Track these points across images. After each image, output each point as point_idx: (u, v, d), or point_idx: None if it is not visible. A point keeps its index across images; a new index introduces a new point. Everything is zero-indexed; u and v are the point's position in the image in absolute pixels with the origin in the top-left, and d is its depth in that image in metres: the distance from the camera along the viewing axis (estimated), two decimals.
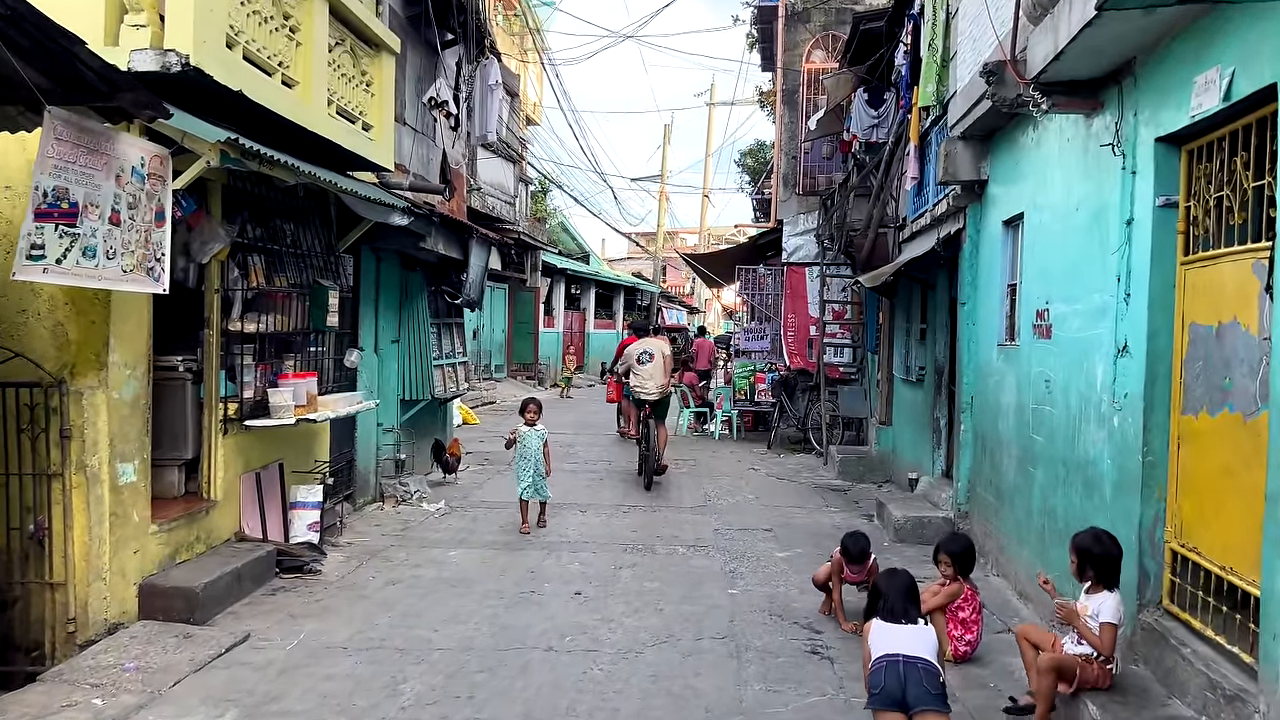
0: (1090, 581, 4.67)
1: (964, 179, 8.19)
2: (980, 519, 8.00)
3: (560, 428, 17.04)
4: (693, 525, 9.25)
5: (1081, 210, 5.80)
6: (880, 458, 12.18)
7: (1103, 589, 4.60)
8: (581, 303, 32.81)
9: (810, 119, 14.99)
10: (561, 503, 10.20)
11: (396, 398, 10.79)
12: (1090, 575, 4.65)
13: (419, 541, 8.41)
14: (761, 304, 16.61)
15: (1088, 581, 4.69)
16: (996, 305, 7.77)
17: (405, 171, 10.58)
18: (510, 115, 23.08)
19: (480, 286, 11.68)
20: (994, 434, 7.67)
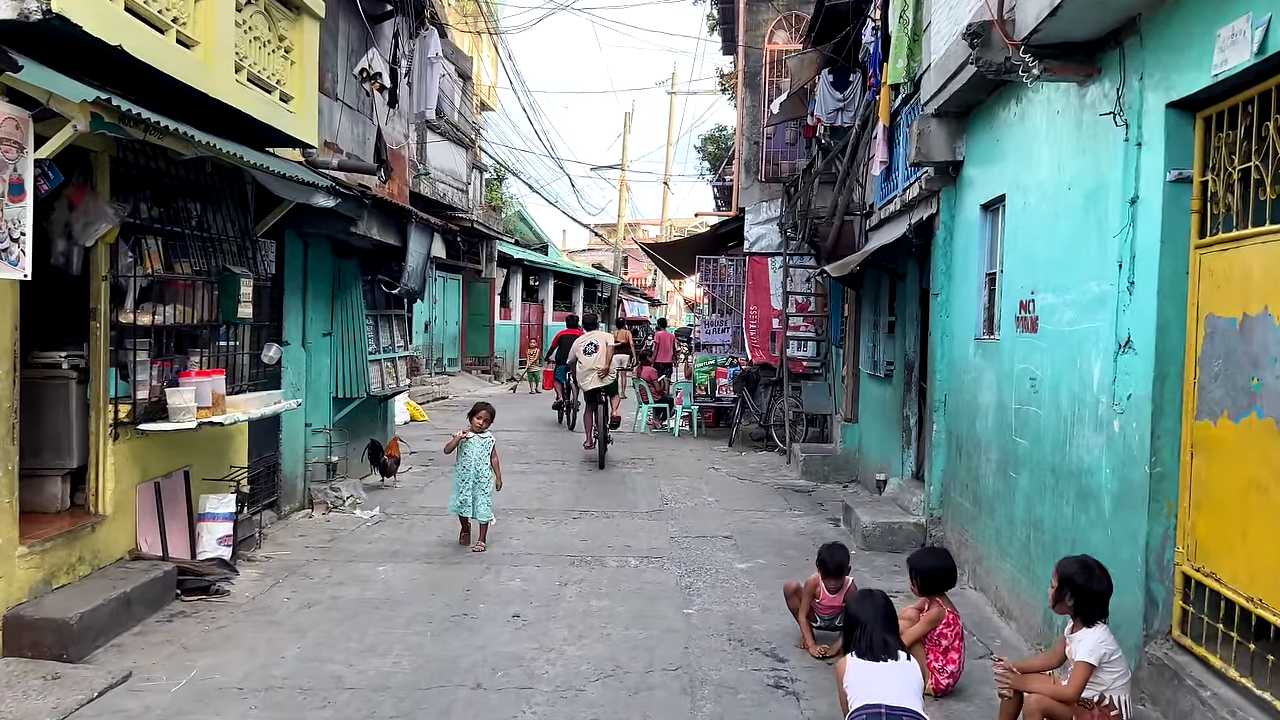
0: (1070, 616, 4.09)
1: (938, 160, 7.59)
2: (955, 526, 7.43)
3: (514, 425, 16.33)
4: (647, 533, 8.59)
5: (1074, 189, 5.21)
6: (846, 457, 11.61)
7: (1082, 625, 4.02)
8: (540, 294, 32.02)
9: (773, 102, 14.36)
10: (508, 508, 9.48)
11: (329, 395, 10.00)
12: (1068, 606, 4.05)
13: (346, 555, 7.65)
14: (723, 295, 15.98)
15: (1065, 613, 4.11)
16: (973, 296, 7.19)
17: (338, 150, 9.78)
18: (463, 100, 22.26)
19: (421, 276, 10.90)
20: (970, 435, 7.10)
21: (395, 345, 11.23)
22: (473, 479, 7.80)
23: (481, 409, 8.07)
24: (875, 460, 10.45)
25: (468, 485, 7.81)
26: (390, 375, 10.99)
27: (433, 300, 23.01)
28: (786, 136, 15.30)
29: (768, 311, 15.25)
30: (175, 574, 6.34)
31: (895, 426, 9.52)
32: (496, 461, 8.03)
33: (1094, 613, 3.95)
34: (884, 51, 9.69)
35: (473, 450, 7.85)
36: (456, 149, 21.42)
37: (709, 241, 17.57)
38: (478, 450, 7.87)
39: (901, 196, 8.96)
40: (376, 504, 9.50)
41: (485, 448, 7.93)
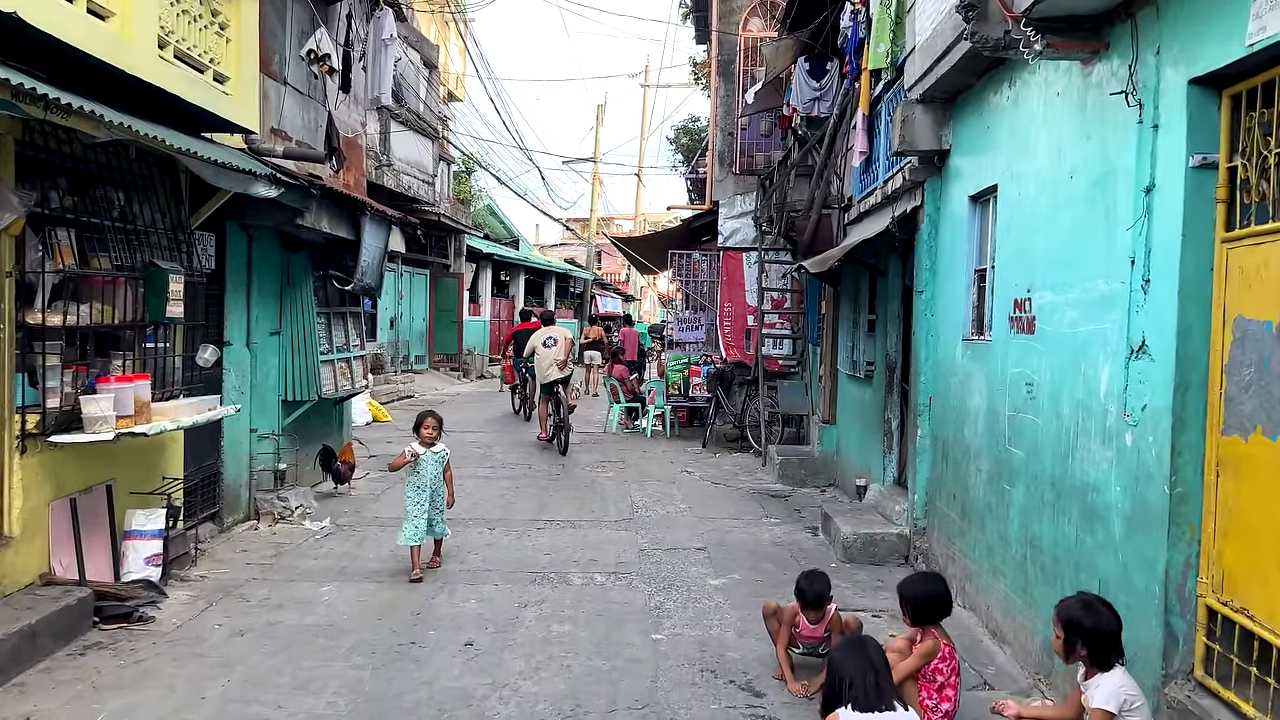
0: (1084, 664, 3.63)
1: (923, 149, 7.14)
2: (942, 538, 6.99)
3: (481, 425, 15.77)
4: (615, 545, 8.08)
5: (1078, 178, 4.75)
6: (824, 460, 11.17)
7: (1097, 671, 3.56)
8: (510, 290, 31.40)
9: (748, 92, 13.88)
10: (468, 518, 8.95)
11: (277, 398, 9.40)
12: (1083, 655, 3.59)
13: (289, 572, 7.09)
14: (696, 292, 15.50)
15: (1079, 662, 3.65)
16: (961, 294, 6.74)
17: (286, 138, 9.18)
18: (429, 89, 21.62)
19: (378, 271, 10.32)
20: (958, 442, 6.65)
21: (350, 344, 10.64)
22: (428, 499, 6.98)
23: (428, 418, 7.15)
24: (854, 464, 10.01)
25: (423, 509, 6.95)
26: (345, 376, 10.41)
27: (398, 296, 22.36)
28: (761, 127, 14.82)
29: (743, 308, 14.78)
30: (92, 600, 5.75)
31: (876, 430, 9.08)
32: (450, 477, 7.27)
33: (1110, 655, 3.49)
34: (864, 36, 9.24)
35: (427, 467, 7.03)
36: (422, 140, 20.80)
37: (682, 236, 17.08)
38: (433, 467, 7.06)
39: (882, 189, 8.51)
40: (327, 514, 8.93)
41: (440, 462, 7.14)
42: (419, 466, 7.03)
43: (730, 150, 14.86)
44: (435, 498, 7.05)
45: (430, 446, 7.07)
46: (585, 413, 18.17)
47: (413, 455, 7.01)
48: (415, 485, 7.00)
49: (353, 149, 11.40)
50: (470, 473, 11.37)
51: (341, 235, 9.49)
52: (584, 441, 14.35)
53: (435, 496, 7.06)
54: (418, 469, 7.03)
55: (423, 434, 7.08)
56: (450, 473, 7.25)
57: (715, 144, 15.16)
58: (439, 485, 7.10)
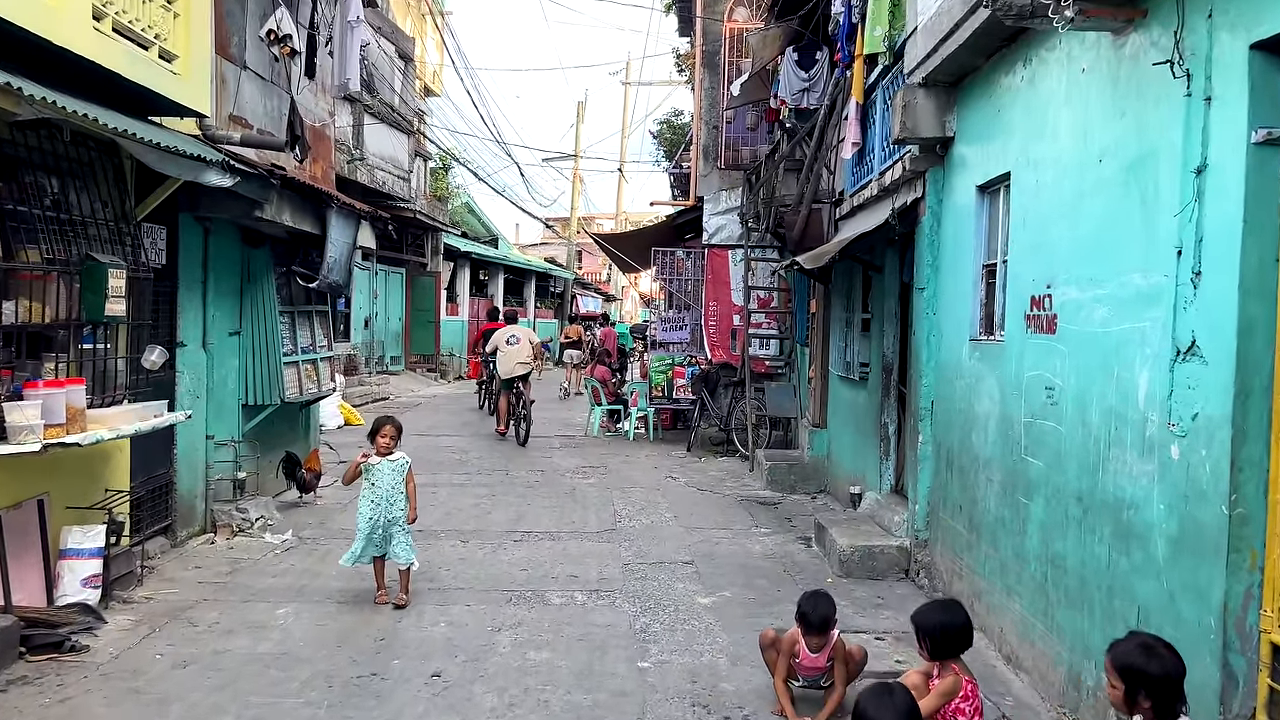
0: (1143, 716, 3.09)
1: (925, 136, 6.68)
2: (946, 552, 6.53)
3: (458, 429, 15.23)
4: (597, 558, 7.58)
5: (1110, 160, 4.30)
6: (814, 465, 10.72)
7: None
8: (489, 289, 30.81)
9: (733, 84, 13.41)
10: (440, 530, 8.43)
11: (237, 403, 8.85)
12: (1145, 707, 3.06)
13: (243, 592, 6.55)
14: (680, 290, 15.02)
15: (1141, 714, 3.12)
16: (967, 291, 6.29)
17: (246, 125, 8.62)
18: (404, 83, 21.03)
19: (346, 268, 9.78)
20: (965, 449, 6.20)
21: (316, 345, 10.09)
22: (384, 516, 6.22)
23: (385, 424, 6.38)
24: (848, 470, 9.56)
25: (378, 525, 6.19)
26: (310, 379, 9.85)
27: (373, 295, 21.76)
28: (747, 121, 14.37)
29: (728, 307, 14.32)
30: (18, 628, 5.20)
31: (871, 435, 8.63)
32: (413, 490, 6.44)
33: (1176, 705, 3.01)
34: (857, 21, 8.79)
35: (383, 479, 6.26)
36: (397, 134, 20.21)
37: (665, 232, 16.60)
38: (389, 478, 6.28)
39: (879, 180, 8.06)
40: (290, 526, 8.39)
41: (398, 472, 6.34)
42: (373, 477, 6.27)
43: (715, 144, 14.39)
44: (393, 511, 6.26)
45: (387, 455, 6.32)
46: (565, 415, 17.68)
47: (363, 458, 6.29)
48: (368, 499, 6.24)
49: (320, 139, 10.83)
50: (444, 480, 10.85)
51: (306, 229, 8.95)
52: (564, 446, 13.85)
53: (393, 510, 6.26)
54: (372, 480, 6.26)
55: (377, 443, 6.30)
56: (413, 484, 6.44)
57: (699, 138, 14.69)
58: (396, 499, 6.29)
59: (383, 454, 6.31)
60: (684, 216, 15.80)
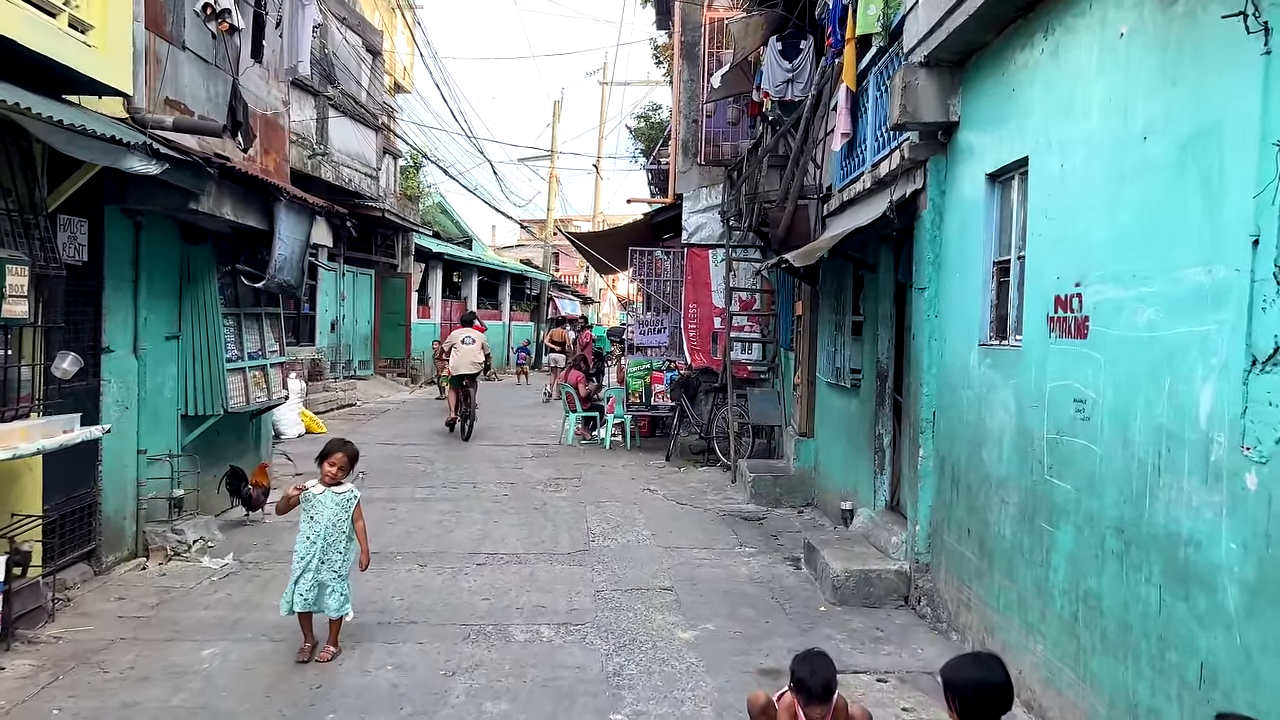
0: None
1: (927, 120, 6.08)
2: (951, 579, 5.92)
3: (426, 437, 14.51)
4: (567, 585, 6.91)
5: (1158, 137, 3.70)
6: (801, 477, 10.10)
7: None
8: (463, 291, 30.02)
9: (714, 75, 12.81)
10: (396, 551, 7.74)
11: (176, 413, 8.12)
12: None
13: (168, 628, 5.83)
14: (659, 292, 14.37)
15: None
16: (976, 290, 5.69)
17: (185, 112, 7.90)
18: (372, 78, 20.28)
19: (299, 267, 9.04)
20: (974, 466, 5.59)
21: (266, 350, 9.35)
22: (319, 556, 5.26)
23: (336, 450, 5.40)
24: (838, 484, 8.94)
25: (311, 565, 5.25)
26: (259, 386, 9.12)
27: (340, 297, 20.97)
28: (728, 115, 13.76)
29: (709, 310, 13.69)
30: None
31: (864, 446, 8.02)
32: (362, 527, 5.47)
33: None
34: (848, 2, 8.19)
35: (324, 513, 5.30)
36: (364, 130, 19.45)
37: (644, 231, 15.95)
38: (331, 512, 5.31)
39: (872, 172, 7.46)
40: (232, 548, 7.67)
41: (343, 508, 5.37)
42: (312, 509, 5.33)
43: (695, 139, 13.77)
44: (331, 555, 5.30)
45: (334, 486, 5.39)
46: (539, 422, 17.00)
47: (298, 490, 5.40)
48: (305, 535, 5.30)
49: (272, 129, 10.11)
50: (406, 494, 10.15)
51: (252, 225, 8.23)
52: (537, 455, 13.16)
53: (331, 553, 5.30)
54: (311, 513, 5.33)
55: (324, 470, 5.38)
56: (361, 523, 5.47)
57: (678, 132, 14.06)
58: (338, 539, 5.33)
59: (328, 484, 5.39)
60: (662, 215, 15.16)
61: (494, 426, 16.34)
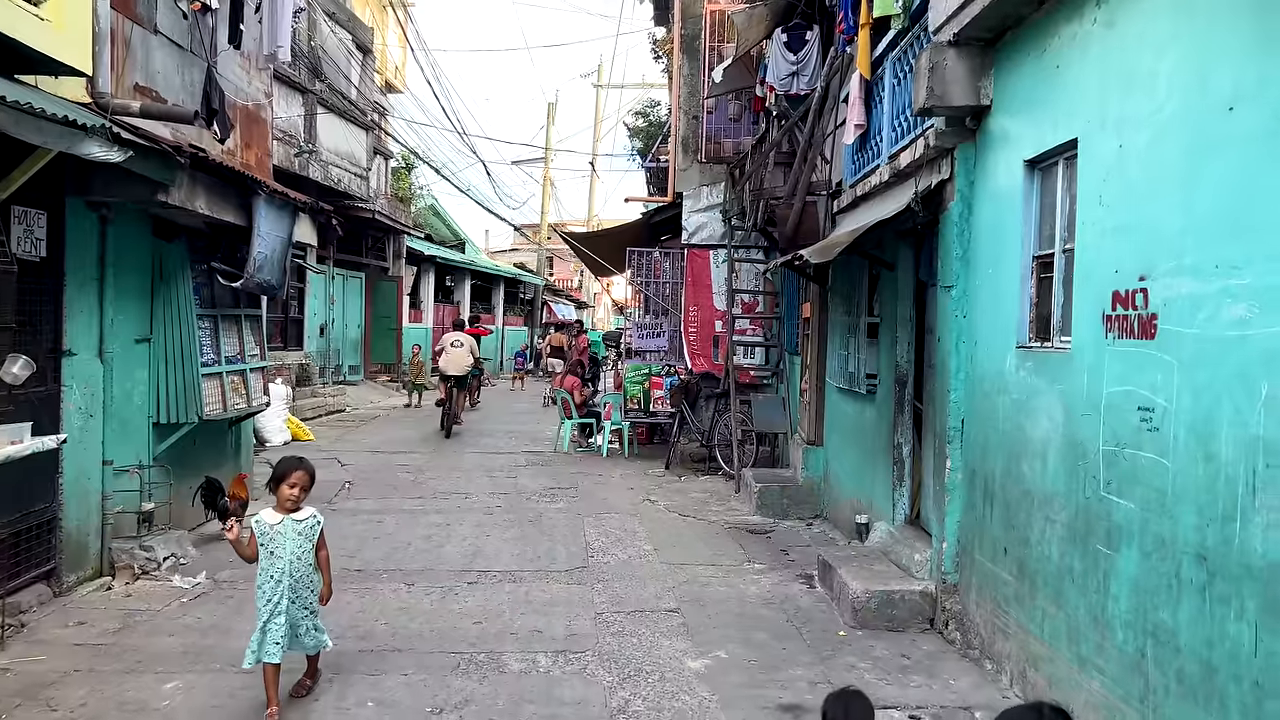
0: None
1: (956, 104, 5.62)
2: (985, 603, 5.44)
3: (412, 445, 13.99)
4: (565, 606, 6.41)
5: (1248, 107, 3.23)
6: (809, 487, 9.61)
7: None
8: (455, 295, 29.50)
9: (715, 70, 12.34)
10: (381, 569, 7.24)
11: (147, 421, 7.61)
12: None
13: (129, 658, 5.32)
14: (658, 294, 13.89)
15: None
16: (1012, 288, 5.22)
17: (158, 99, 7.41)
18: (362, 75, 19.80)
19: (279, 265, 8.53)
20: (1011, 479, 5.12)
21: (246, 354, 8.84)
22: (287, 594, 4.54)
23: (293, 470, 4.64)
24: (850, 495, 8.46)
25: (280, 608, 4.52)
26: (238, 392, 8.60)
27: (329, 301, 20.45)
28: (730, 111, 13.30)
29: (710, 313, 13.21)
30: None
31: (880, 456, 7.54)
32: (326, 557, 4.79)
33: None
34: None
35: (285, 545, 4.57)
36: (354, 129, 18.96)
37: (642, 232, 15.47)
38: (294, 544, 4.60)
39: (891, 163, 6.99)
40: (205, 566, 7.16)
41: (307, 537, 4.65)
42: (271, 543, 4.57)
43: (695, 136, 13.30)
44: (300, 591, 4.62)
45: (293, 513, 4.64)
46: (534, 429, 16.50)
47: (229, 530, 4.50)
48: (268, 574, 4.55)
49: (254, 122, 9.62)
50: (394, 506, 9.64)
51: (228, 220, 7.72)
52: (531, 464, 12.66)
53: (300, 589, 4.62)
54: (271, 547, 4.56)
55: (282, 494, 4.60)
56: (325, 552, 4.78)
57: (678, 129, 13.59)
58: (305, 572, 4.64)
59: (286, 511, 4.61)
60: (661, 214, 14.69)
61: (487, 433, 15.85)
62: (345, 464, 12.14)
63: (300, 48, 15.81)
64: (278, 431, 13.90)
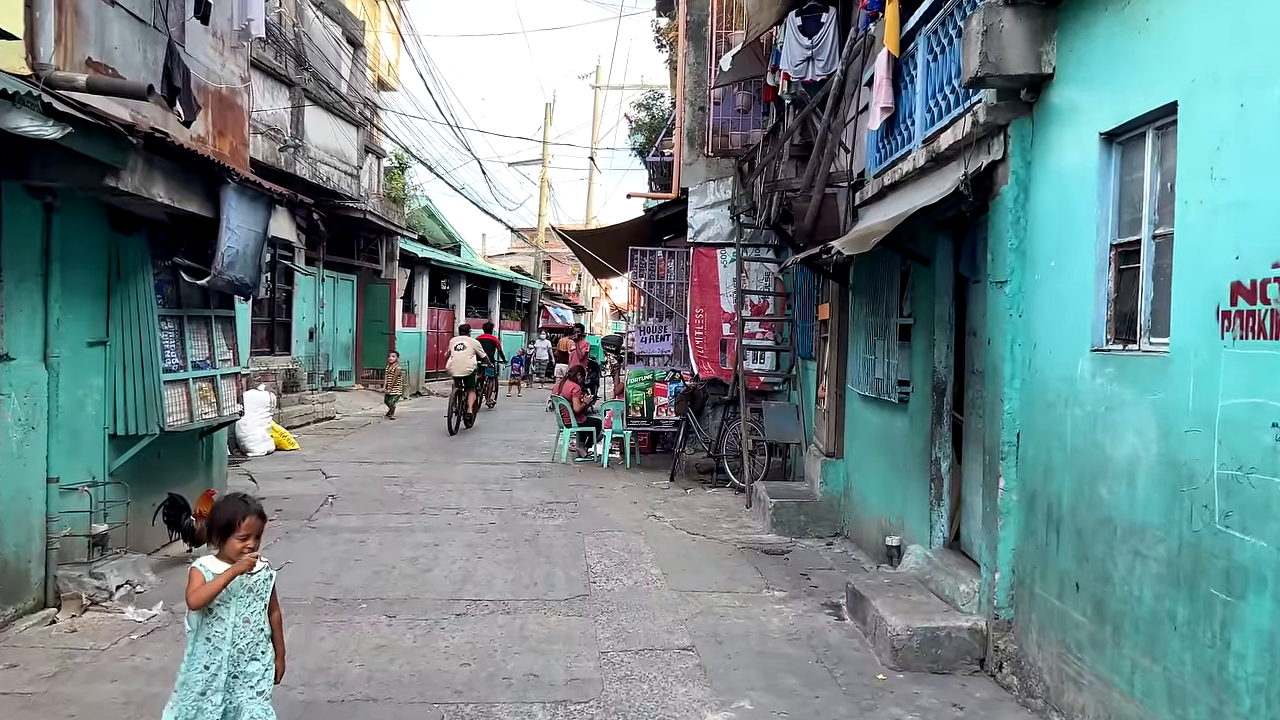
0: None
1: (1014, 72, 4.91)
2: (1049, 644, 4.71)
3: (402, 454, 13.26)
4: (566, 644, 5.68)
5: None
6: (828, 503, 8.88)
7: None
8: (451, 299, 28.77)
9: (723, 57, 11.65)
10: (360, 597, 6.51)
11: (102, 432, 6.88)
12: None
13: (59, 710, 4.58)
14: (661, 296, 13.17)
15: None
16: (1084, 282, 4.50)
17: (116, 75, 6.69)
18: (353, 70, 19.12)
19: (252, 262, 7.81)
20: (1086, 504, 4.40)
21: (216, 358, 8.11)
22: (229, 670, 3.48)
23: (241, 516, 3.50)
24: (876, 514, 7.74)
25: (216, 684, 3.44)
26: (206, 400, 7.88)
27: (319, 304, 19.72)
28: (738, 102, 12.60)
29: (717, 315, 12.50)
30: None
31: (912, 471, 6.82)
32: (279, 619, 3.69)
33: None
34: None
35: (230, 606, 3.49)
36: (344, 126, 18.25)
37: (644, 229, 14.76)
38: (241, 604, 3.51)
39: (928, 146, 6.28)
40: (164, 594, 6.42)
41: (258, 595, 3.57)
42: (211, 604, 3.45)
43: (701, 128, 12.59)
44: (247, 666, 3.53)
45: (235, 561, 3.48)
46: (529, 437, 15.79)
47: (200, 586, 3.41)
48: (204, 637, 3.46)
49: (228, 108, 8.90)
50: (379, 522, 8.92)
51: (193, 211, 7.01)
52: (527, 475, 11.93)
53: (246, 663, 3.53)
54: (210, 608, 3.46)
55: (231, 549, 3.47)
56: (278, 614, 3.69)
57: (683, 121, 12.88)
58: (254, 640, 3.55)
59: (229, 558, 3.48)
60: (665, 211, 13.97)
61: (482, 441, 15.13)
62: (330, 476, 11.42)
63: (286, 36, 15.11)
64: (260, 441, 13.16)
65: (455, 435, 15.58)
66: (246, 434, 12.90)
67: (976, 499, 5.94)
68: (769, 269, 12.05)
